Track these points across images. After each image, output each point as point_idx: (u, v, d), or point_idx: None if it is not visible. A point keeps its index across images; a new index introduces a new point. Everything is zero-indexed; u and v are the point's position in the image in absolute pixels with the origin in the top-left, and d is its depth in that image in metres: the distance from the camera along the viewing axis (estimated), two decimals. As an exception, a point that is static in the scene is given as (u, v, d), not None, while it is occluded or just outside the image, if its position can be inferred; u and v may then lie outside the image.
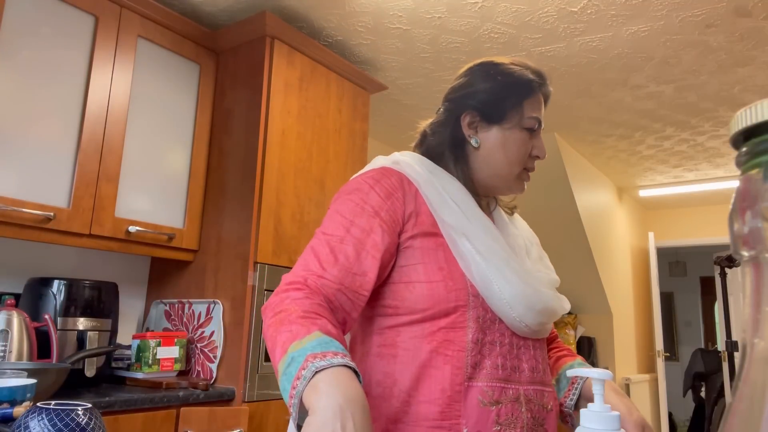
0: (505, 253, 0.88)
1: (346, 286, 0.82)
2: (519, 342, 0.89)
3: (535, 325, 0.88)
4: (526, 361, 0.89)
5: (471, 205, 0.91)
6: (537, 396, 0.88)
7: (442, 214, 0.89)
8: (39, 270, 2.06)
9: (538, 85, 0.97)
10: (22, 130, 1.77)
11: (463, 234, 0.88)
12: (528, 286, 0.87)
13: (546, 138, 3.75)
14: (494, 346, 0.86)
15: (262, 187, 2.13)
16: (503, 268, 0.86)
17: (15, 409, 0.82)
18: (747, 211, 0.24)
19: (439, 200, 0.90)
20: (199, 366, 2.11)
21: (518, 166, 0.96)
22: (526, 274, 0.89)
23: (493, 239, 0.88)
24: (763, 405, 0.22)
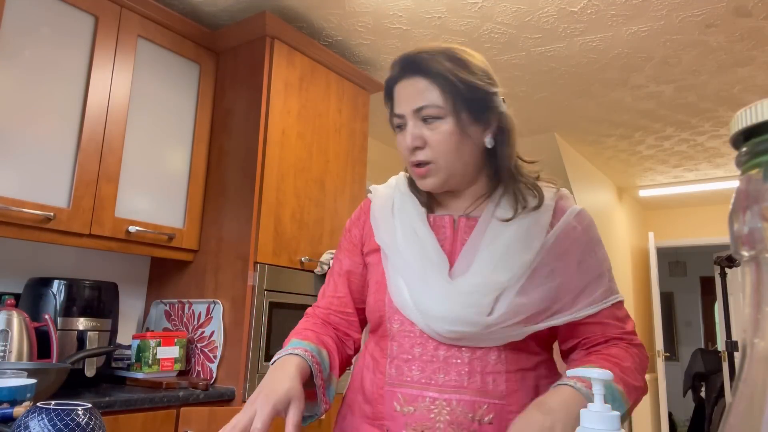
0: (421, 267, 0.91)
1: (334, 309, 1.04)
2: (435, 348, 0.88)
3: (446, 332, 0.86)
4: (455, 369, 0.87)
5: (413, 221, 0.96)
6: (462, 407, 0.85)
7: (376, 233, 1.00)
8: (39, 270, 2.06)
9: (391, 82, 0.96)
10: (22, 130, 1.77)
11: (387, 251, 0.96)
12: (435, 297, 0.88)
13: (546, 138, 3.75)
14: (412, 353, 0.90)
15: (262, 187, 2.13)
16: (416, 281, 0.90)
17: (15, 409, 0.82)
18: (747, 211, 0.24)
19: (380, 221, 1.00)
20: (199, 366, 2.11)
21: (408, 165, 0.96)
22: (439, 285, 0.88)
23: (414, 254, 0.92)
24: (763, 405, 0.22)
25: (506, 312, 0.86)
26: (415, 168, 0.93)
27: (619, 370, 0.83)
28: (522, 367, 0.88)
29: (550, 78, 2.92)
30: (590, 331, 0.91)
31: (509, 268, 0.88)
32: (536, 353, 0.91)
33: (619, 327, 0.91)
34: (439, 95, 0.90)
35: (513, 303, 0.86)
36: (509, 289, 0.87)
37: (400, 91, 0.94)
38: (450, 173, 0.93)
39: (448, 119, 0.90)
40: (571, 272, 0.90)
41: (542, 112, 3.39)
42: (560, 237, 0.91)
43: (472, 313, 0.86)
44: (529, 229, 0.91)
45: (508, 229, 0.91)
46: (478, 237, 0.92)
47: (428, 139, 0.91)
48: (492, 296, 0.86)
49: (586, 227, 0.94)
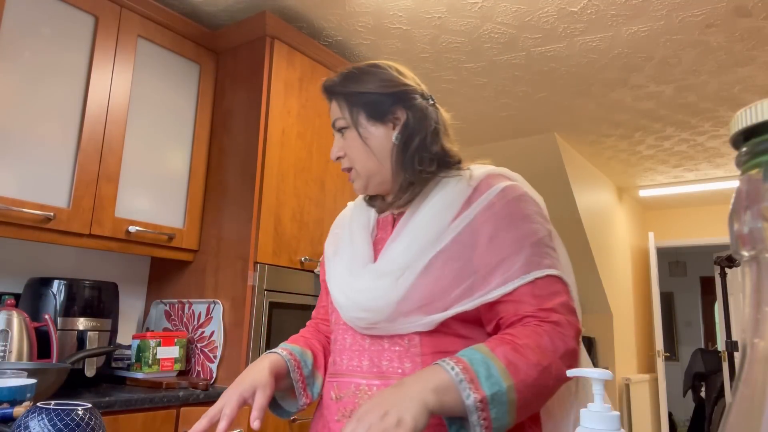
0: (346, 264, 1.00)
1: (321, 318, 1.15)
2: (362, 338, 0.94)
3: (354, 319, 0.93)
4: (367, 356, 0.92)
5: (354, 229, 1.05)
6: (378, 391, 0.88)
7: (326, 244, 1.13)
8: (39, 270, 2.06)
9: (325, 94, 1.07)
10: (22, 130, 1.77)
11: (327, 258, 1.08)
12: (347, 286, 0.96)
13: (546, 138, 3.75)
14: (344, 344, 0.97)
15: (262, 187, 2.13)
16: (339, 276, 1.00)
17: (15, 409, 0.82)
18: (747, 211, 0.24)
19: (331, 234, 1.13)
20: (199, 366, 2.11)
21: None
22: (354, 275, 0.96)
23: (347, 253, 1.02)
24: (763, 405, 0.22)
25: (404, 294, 0.87)
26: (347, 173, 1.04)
27: (511, 347, 0.78)
28: (442, 350, 0.86)
29: (550, 78, 2.92)
30: (504, 311, 0.85)
31: (409, 250, 0.91)
32: (464, 336, 0.87)
33: (534, 304, 0.83)
34: (339, 108, 1.02)
35: (412, 284, 0.87)
36: (409, 270, 0.88)
37: (332, 103, 1.05)
38: (368, 174, 1.00)
39: (350, 128, 1.01)
40: (481, 249, 0.87)
41: (542, 112, 3.39)
42: (477, 214, 0.89)
43: (368, 299, 0.90)
44: (439, 210, 0.92)
45: (425, 213, 0.94)
46: (401, 228, 0.96)
47: (344, 148, 1.02)
48: (390, 278, 0.89)
49: (507, 203, 0.90)
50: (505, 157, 3.92)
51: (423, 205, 0.95)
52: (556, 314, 0.83)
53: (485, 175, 0.95)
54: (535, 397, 0.78)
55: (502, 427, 0.75)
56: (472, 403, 0.72)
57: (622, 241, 5.08)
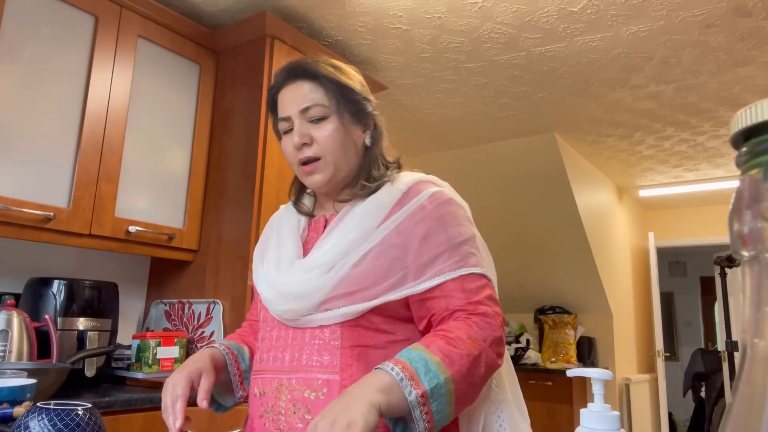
0: (273, 262, 1.01)
1: (254, 320, 1.16)
2: (286, 333, 0.95)
3: (281, 312, 0.94)
4: (289, 351, 0.93)
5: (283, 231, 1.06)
6: (300, 384, 0.90)
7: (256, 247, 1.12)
8: (39, 270, 2.06)
9: (275, 90, 1.04)
10: (22, 130, 1.77)
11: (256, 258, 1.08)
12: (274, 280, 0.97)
13: (546, 138, 3.75)
14: (270, 341, 0.98)
15: (262, 187, 2.13)
16: (266, 275, 1.00)
17: (15, 409, 0.82)
18: (747, 211, 0.24)
19: (261, 239, 1.12)
20: (199, 366, 2.11)
21: (295, 167, 1.03)
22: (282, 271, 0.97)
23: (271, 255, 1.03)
24: (763, 405, 0.22)
25: (334, 284, 0.89)
26: (303, 166, 1.00)
27: (445, 341, 0.81)
28: (361, 343, 0.90)
29: (550, 78, 2.92)
30: (436, 306, 0.90)
31: (336, 246, 0.93)
32: (386, 332, 0.91)
33: (463, 298, 0.89)
34: (324, 95, 0.99)
35: (338, 276, 0.90)
36: (337, 266, 0.91)
37: (285, 95, 1.01)
38: (336, 168, 0.99)
39: (332, 118, 0.99)
40: (413, 248, 0.92)
41: (542, 112, 3.39)
42: (407, 216, 0.94)
43: (295, 291, 0.92)
44: (369, 211, 0.96)
45: (355, 214, 0.97)
46: (332, 228, 0.98)
47: (315, 136, 0.98)
48: (318, 271, 0.92)
49: (437, 206, 0.96)
50: (505, 157, 3.92)
51: (355, 207, 0.99)
52: (484, 306, 0.89)
53: (415, 182, 1.01)
54: (470, 386, 0.82)
55: (443, 420, 0.78)
56: (414, 399, 0.75)
57: (622, 241, 5.08)
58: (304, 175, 1.01)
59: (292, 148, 1.00)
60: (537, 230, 4.18)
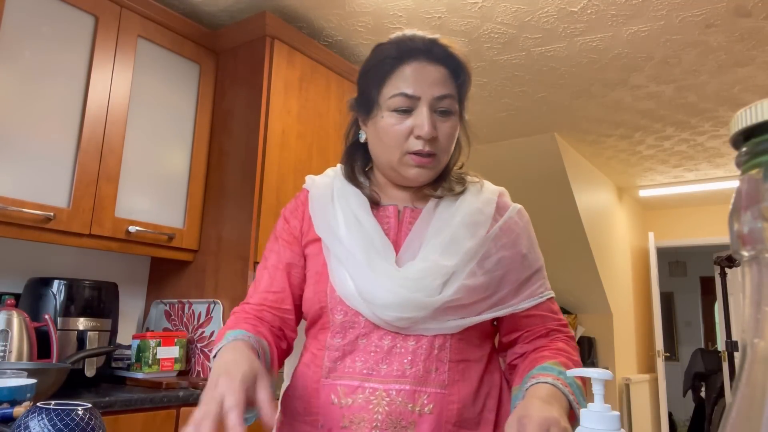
0: (365, 255, 0.88)
1: (268, 306, 0.95)
2: (393, 340, 0.86)
3: (394, 320, 0.85)
4: (398, 359, 0.85)
5: (355, 210, 0.94)
6: (405, 396, 0.83)
7: (315, 223, 0.96)
8: (39, 270, 2.06)
9: (395, 58, 0.90)
10: (22, 130, 1.77)
11: (328, 240, 0.93)
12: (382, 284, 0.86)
13: (546, 138, 3.75)
14: (357, 345, 0.88)
15: (262, 187, 2.13)
16: (360, 269, 0.87)
17: (15, 409, 0.82)
18: (747, 211, 0.24)
19: (318, 211, 0.97)
20: (199, 366, 2.11)
21: (396, 152, 0.90)
22: (386, 272, 0.87)
23: (357, 243, 0.89)
24: (763, 405, 0.22)
25: (455, 292, 0.85)
26: (417, 156, 0.89)
27: (573, 364, 0.85)
28: (466, 358, 0.88)
29: (550, 78, 2.92)
30: (532, 323, 0.93)
31: (456, 253, 0.88)
32: (479, 346, 0.91)
33: (556, 320, 0.94)
34: (455, 89, 0.91)
35: (461, 285, 0.86)
36: (458, 273, 0.87)
37: (420, 73, 0.88)
38: (442, 167, 0.94)
39: (455, 115, 0.92)
40: (516, 264, 0.92)
41: (542, 112, 3.39)
42: (504, 229, 0.94)
43: (421, 296, 0.84)
44: (475, 219, 0.92)
45: (454, 218, 0.92)
46: (423, 226, 0.92)
47: (439, 131, 0.89)
48: (441, 280, 0.86)
49: (526, 223, 0.99)
50: (505, 157, 3.92)
51: (451, 209, 0.94)
52: (569, 329, 0.96)
53: (499, 192, 1.00)
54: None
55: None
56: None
57: (622, 241, 5.08)
58: (410, 165, 0.90)
59: (405, 132, 0.89)
60: (537, 230, 4.16)
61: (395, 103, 0.89)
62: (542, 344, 0.91)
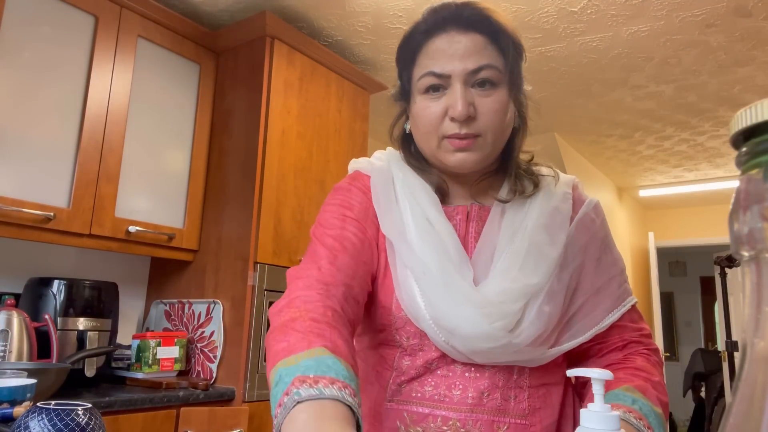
0: (440, 269, 0.75)
1: (359, 274, 0.77)
2: (464, 366, 0.76)
3: (467, 350, 0.73)
4: (473, 384, 0.75)
5: (426, 209, 0.80)
6: (483, 426, 0.74)
7: (381, 220, 0.81)
8: (39, 270, 2.06)
9: (423, 33, 0.79)
10: (22, 130, 1.77)
11: (396, 243, 0.79)
12: (459, 310, 0.73)
13: (546, 138, 3.75)
14: (428, 368, 0.77)
15: (262, 187, 2.13)
16: (434, 287, 0.75)
17: (15, 409, 0.82)
18: (747, 211, 0.24)
19: (384, 205, 0.82)
20: (199, 366, 2.11)
21: (433, 138, 0.78)
22: (463, 294, 0.74)
23: (431, 252, 0.76)
24: (763, 405, 0.22)
25: (535, 323, 0.74)
26: (454, 140, 0.76)
27: (652, 386, 0.74)
28: (546, 382, 0.79)
29: (550, 78, 2.92)
30: (607, 335, 0.81)
31: (538, 266, 0.75)
32: (560, 365, 0.82)
33: (636, 330, 0.82)
34: (498, 56, 0.77)
35: (542, 312, 0.74)
36: (538, 294, 0.75)
37: (445, 46, 0.76)
38: (492, 150, 0.79)
39: (503, 86, 0.78)
40: (589, 270, 0.81)
41: (542, 112, 3.39)
42: (579, 229, 0.82)
43: (499, 328, 0.72)
44: (552, 219, 0.80)
45: (527, 219, 0.80)
46: (494, 230, 0.80)
47: (480, 108, 0.75)
48: (521, 303, 0.74)
49: (603, 221, 0.85)
50: (505, 157, 3.92)
51: (524, 208, 0.82)
52: (649, 339, 0.84)
53: (574, 183, 0.88)
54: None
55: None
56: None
57: (622, 241, 5.08)
58: (449, 150, 0.77)
59: (439, 114, 0.76)
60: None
61: (425, 84, 0.78)
62: (616, 360, 0.80)
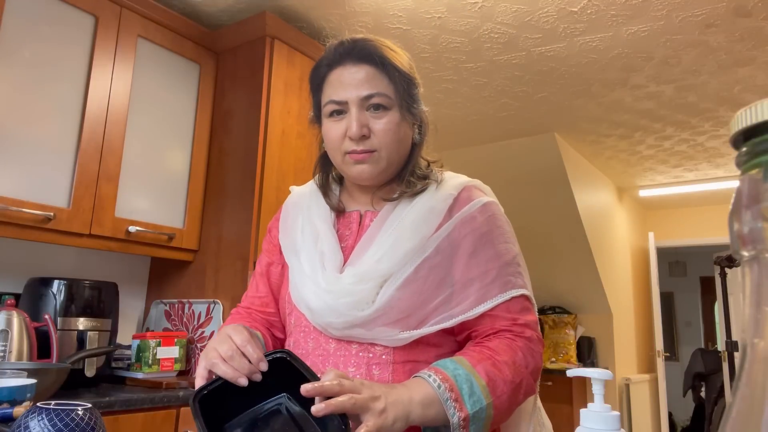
0: (310, 264, 0.92)
1: (256, 309, 1.03)
2: (326, 343, 0.89)
3: (326, 325, 0.87)
4: (331, 362, 0.87)
5: (316, 220, 0.97)
6: None
7: (281, 233, 1.03)
8: (39, 270, 2.06)
9: (326, 66, 0.94)
10: (22, 130, 1.77)
11: (285, 250, 1.00)
12: (319, 288, 0.88)
13: (546, 138, 3.75)
14: (306, 349, 0.91)
15: (262, 187, 2.13)
16: (306, 277, 0.91)
17: (15, 409, 0.82)
18: (747, 211, 0.24)
19: (289, 221, 1.03)
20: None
21: (338, 154, 0.92)
22: (326, 279, 0.89)
23: (309, 251, 0.94)
24: (763, 405, 0.22)
25: (385, 304, 0.84)
26: (353, 155, 0.90)
27: (491, 363, 0.80)
28: (413, 359, 0.86)
29: (550, 78, 2.92)
30: (479, 323, 0.86)
31: (393, 255, 0.86)
32: (436, 345, 0.87)
33: (509, 320, 0.86)
34: (388, 84, 0.90)
35: (393, 296, 0.84)
36: (392, 279, 0.85)
37: (344, 77, 0.90)
38: (388, 164, 0.91)
39: (394, 110, 0.90)
40: (461, 262, 0.87)
41: (542, 112, 3.39)
42: (457, 226, 0.89)
43: (348, 305, 0.85)
44: (422, 216, 0.90)
45: (405, 219, 0.90)
46: (376, 229, 0.91)
47: (374, 128, 0.89)
48: (372, 284, 0.85)
49: (488, 218, 0.91)
50: (506, 157, 3.92)
51: (402, 209, 0.92)
52: (530, 330, 0.87)
53: (464, 186, 0.95)
54: (505, 412, 0.81)
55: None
56: (457, 422, 0.74)
57: (622, 241, 5.08)
58: (350, 163, 0.91)
59: (340, 135, 0.90)
60: (537, 230, 4.18)
61: (329, 110, 0.92)
62: (478, 342, 0.86)
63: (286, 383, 0.77)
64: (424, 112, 0.97)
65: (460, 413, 0.74)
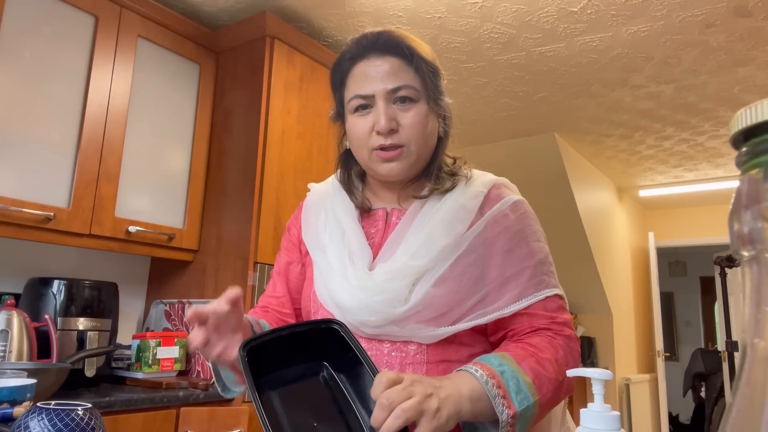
0: (340, 262, 0.90)
1: (273, 308, 1.02)
2: (368, 343, 0.87)
3: (360, 323, 0.85)
4: (375, 360, 0.85)
5: (341, 218, 0.95)
6: None
7: (304, 231, 1.01)
8: (39, 270, 2.06)
9: (349, 60, 0.92)
10: (22, 130, 1.77)
11: (310, 248, 0.98)
12: (350, 289, 0.86)
13: (546, 138, 3.75)
14: None
15: (262, 187, 2.13)
16: (334, 275, 0.90)
17: (15, 409, 0.82)
18: (747, 211, 0.24)
19: (311, 219, 1.01)
20: (199, 366, 2.11)
21: (365, 151, 0.90)
22: (356, 277, 0.87)
23: (337, 249, 0.92)
24: (763, 405, 0.22)
25: (420, 301, 0.82)
26: (380, 152, 0.88)
27: (535, 360, 0.79)
28: (446, 358, 0.85)
29: (550, 78, 2.92)
30: (517, 322, 0.85)
31: (427, 252, 0.85)
32: (468, 344, 0.87)
33: (548, 318, 0.86)
34: (414, 76, 0.88)
35: (428, 293, 0.83)
36: (427, 276, 0.84)
37: (369, 70, 0.89)
38: (417, 158, 0.90)
39: (421, 102, 0.89)
40: (497, 261, 0.86)
41: (542, 112, 3.39)
42: (489, 224, 0.88)
43: (382, 302, 0.83)
44: (455, 214, 0.88)
45: (435, 216, 0.89)
46: (406, 226, 0.90)
47: (401, 121, 0.87)
48: (406, 281, 0.84)
49: (520, 216, 0.90)
50: (505, 157, 3.92)
51: (432, 206, 0.90)
52: (568, 329, 0.86)
53: (493, 184, 0.93)
54: (547, 410, 0.80)
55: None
56: (506, 419, 0.73)
57: (622, 241, 5.08)
58: (378, 161, 0.89)
59: (367, 130, 0.88)
60: (537, 230, 4.17)
61: (354, 105, 0.90)
62: (518, 339, 0.85)
63: (330, 353, 0.76)
64: (449, 105, 0.95)
65: (508, 410, 0.73)
